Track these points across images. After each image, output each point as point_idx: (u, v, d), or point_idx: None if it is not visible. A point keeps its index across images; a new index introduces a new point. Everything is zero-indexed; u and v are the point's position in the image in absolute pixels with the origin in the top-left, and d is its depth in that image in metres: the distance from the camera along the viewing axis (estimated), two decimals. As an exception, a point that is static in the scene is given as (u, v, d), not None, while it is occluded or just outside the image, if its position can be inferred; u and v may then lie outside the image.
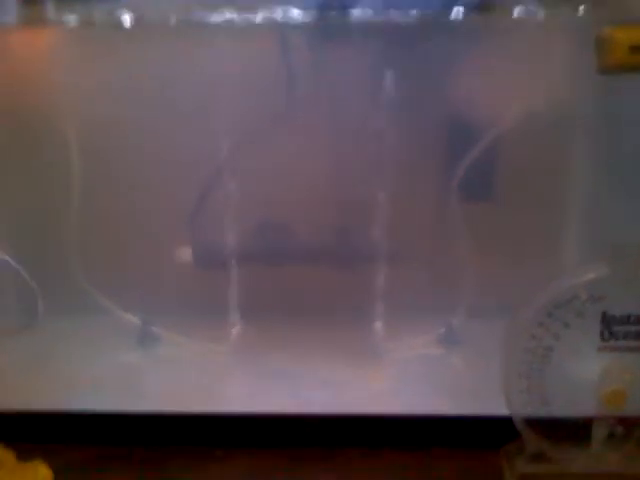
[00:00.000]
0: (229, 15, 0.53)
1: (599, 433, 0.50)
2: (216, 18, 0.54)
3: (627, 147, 0.52)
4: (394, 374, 0.61)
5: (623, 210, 0.53)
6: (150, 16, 0.54)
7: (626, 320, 0.47)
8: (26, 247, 0.63)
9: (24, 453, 0.49)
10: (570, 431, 0.50)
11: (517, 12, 0.52)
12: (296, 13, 0.53)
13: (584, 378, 0.49)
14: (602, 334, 0.48)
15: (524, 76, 0.57)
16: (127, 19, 0.54)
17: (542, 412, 0.49)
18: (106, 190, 0.65)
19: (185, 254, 0.67)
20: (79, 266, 0.64)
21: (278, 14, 0.53)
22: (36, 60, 0.60)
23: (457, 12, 0.52)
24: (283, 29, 0.56)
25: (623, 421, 0.50)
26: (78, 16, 0.54)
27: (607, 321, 0.47)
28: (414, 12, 0.52)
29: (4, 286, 0.65)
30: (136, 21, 0.54)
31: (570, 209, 0.59)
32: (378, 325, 0.64)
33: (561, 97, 0.56)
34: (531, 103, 0.56)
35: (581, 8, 0.50)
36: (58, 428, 0.57)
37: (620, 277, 0.47)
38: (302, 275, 0.65)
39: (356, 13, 0.53)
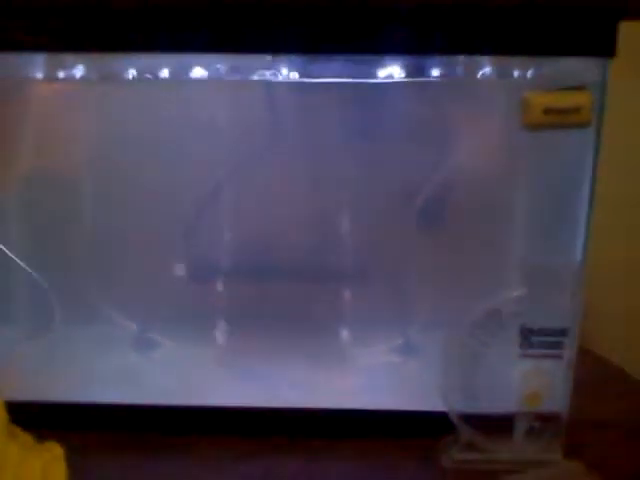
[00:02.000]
0: (216, 71, 0.59)
1: (520, 427, 0.57)
2: (205, 73, 0.59)
3: (551, 186, 0.59)
4: (357, 376, 0.66)
5: (550, 237, 0.60)
6: (148, 71, 0.60)
7: (542, 332, 0.55)
8: (46, 263, 0.67)
9: (36, 437, 0.54)
10: (496, 425, 0.57)
11: (480, 74, 0.58)
12: (283, 72, 0.59)
13: (508, 380, 0.56)
14: (521, 344, 0.55)
15: (472, 128, 0.63)
16: (132, 73, 0.60)
17: (473, 408, 0.56)
18: (113, 211, 0.69)
19: (180, 270, 0.70)
20: (89, 280, 0.69)
21: (265, 72, 0.59)
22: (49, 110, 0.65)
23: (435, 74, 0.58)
24: (269, 85, 0.61)
25: (540, 417, 0.57)
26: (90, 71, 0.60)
27: (525, 333, 0.55)
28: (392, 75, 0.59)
29: (23, 293, 0.69)
30: (138, 75, 0.59)
31: (510, 237, 0.63)
32: (345, 335, 0.69)
33: (504, 143, 0.62)
34: (479, 148, 0.62)
35: (529, 72, 0.57)
36: (66, 417, 0.62)
37: (536, 295, 0.54)
38: (281, 290, 0.69)
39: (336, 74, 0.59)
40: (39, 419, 0.56)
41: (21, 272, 0.67)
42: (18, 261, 0.66)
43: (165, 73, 0.60)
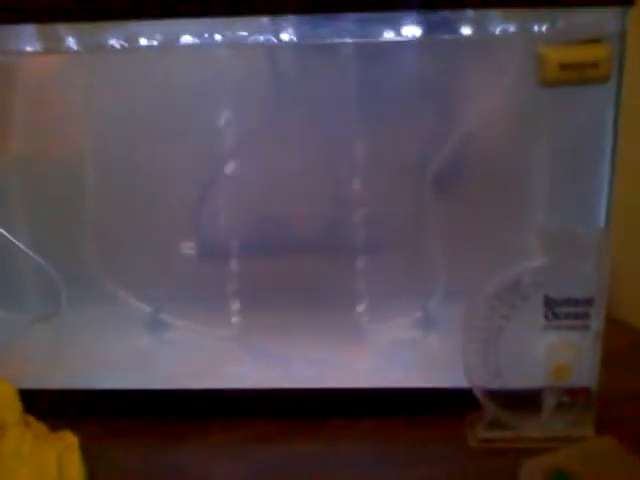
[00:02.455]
0: (218, 36, 0.57)
1: (548, 402, 0.56)
2: (207, 39, 0.58)
3: (570, 147, 0.57)
4: (375, 353, 0.66)
5: (572, 202, 0.58)
6: (145, 38, 0.58)
7: (566, 302, 0.53)
8: (50, 245, 0.67)
9: (48, 425, 0.54)
10: (523, 401, 0.55)
11: (494, 30, 0.56)
12: (286, 35, 0.57)
13: (533, 353, 0.54)
14: (546, 315, 0.53)
15: (487, 82, 0.61)
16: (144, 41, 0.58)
17: (497, 384, 0.55)
18: (119, 190, 0.68)
19: (190, 248, 0.69)
20: (96, 261, 0.68)
21: (267, 35, 0.57)
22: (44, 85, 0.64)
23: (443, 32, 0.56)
24: (272, 48, 0.60)
25: (569, 391, 0.55)
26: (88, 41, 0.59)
27: (549, 304, 0.53)
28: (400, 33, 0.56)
29: (30, 278, 0.69)
30: (131, 43, 0.58)
31: (530, 203, 0.61)
32: (361, 310, 0.67)
33: (518, 102, 0.59)
34: (494, 108, 0.60)
35: (543, 26, 0.54)
36: (78, 404, 0.62)
37: (559, 264, 0.52)
38: (295, 266, 0.68)
39: (340, 33, 0.57)
40: (52, 407, 0.56)
41: (26, 256, 0.66)
42: (22, 246, 0.66)
43: (169, 40, 0.59)
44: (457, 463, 0.56)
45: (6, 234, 0.64)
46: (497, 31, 0.55)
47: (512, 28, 0.55)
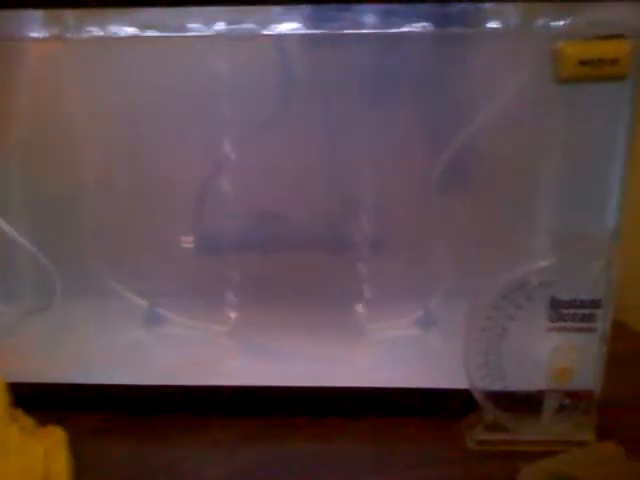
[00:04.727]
0: (225, 26, 0.56)
1: (549, 405, 0.55)
2: (214, 29, 0.57)
3: (583, 146, 0.56)
4: (374, 352, 0.65)
5: (582, 202, 0.57)
6: (151, 27, 0.57)
7: (572, 304, 0.52)
8: (45, 236, 0.67)
9: (40, 420, 0.53)
10: (523, 403, 0.55)
11: (511, 24, 0.55)
12: (293, 25, 0.56)
13: (536, 355, 0.53)
14: (551, 316, 0.53)
15: (500, 78, 0.60)
16: (131, 31, 0.57)
17: (499, 385, 0.54)
18: (117, 183, 0.67)
19: (188, 242, 0.69)
20: (93, 253, 0.68)
21: (274, 25, 0.56)
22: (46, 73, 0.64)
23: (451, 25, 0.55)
24: (280, 39, 0.59)
25: (571, 394, 0.55)
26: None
27: (555, 305, 0.52)
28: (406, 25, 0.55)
29: (25, 269, 0.68)
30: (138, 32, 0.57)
31: (538, 201, 0.61)
32: (362, 308, 0.67)
33: (529, 99, 0.58)
34: (503, 103, 0.59)
35: (562, 20, 0.53)
36: (70, 398, 0.61)
37: (566, 265, 0.52)
38: (294, 262, 0.68)
39: (351, 24, 0.55)
40: (37, 401, 0.55)
41: (20, 246, 0.65)
42: (17, 236, 0.65)
43: (175, 30, 0.58)
44: (454, 465, 0.55)
45: (1, 223, 0.63)
46: (514, 25, 0.55)
47: (529, 22, 0.54)
